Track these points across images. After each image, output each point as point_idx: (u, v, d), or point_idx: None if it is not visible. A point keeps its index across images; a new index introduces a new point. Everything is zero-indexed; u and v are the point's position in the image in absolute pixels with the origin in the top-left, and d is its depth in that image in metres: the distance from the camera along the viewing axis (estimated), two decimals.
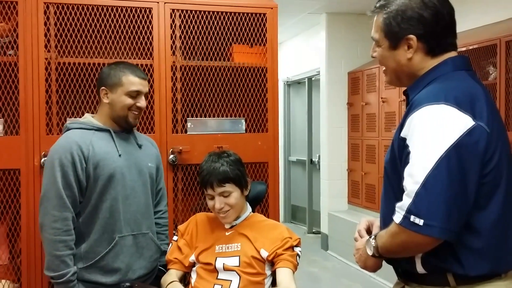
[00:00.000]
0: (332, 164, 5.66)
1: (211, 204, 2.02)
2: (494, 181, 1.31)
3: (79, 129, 2.04)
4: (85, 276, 1.98)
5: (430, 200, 1.25)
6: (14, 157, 2.40)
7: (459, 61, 1.43)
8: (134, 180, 2.06)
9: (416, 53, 1.41)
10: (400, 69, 1.46)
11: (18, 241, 2.43)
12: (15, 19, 2.43)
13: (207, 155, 2.11)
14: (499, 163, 1.31)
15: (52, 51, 2.48)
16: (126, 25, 2.60)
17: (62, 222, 1.92)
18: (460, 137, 1.25)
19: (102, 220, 1.98)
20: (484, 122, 1.29)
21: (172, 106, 2.64)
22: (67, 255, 1.93)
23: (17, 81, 2.42)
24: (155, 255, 2.15)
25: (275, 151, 2.81)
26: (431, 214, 1.25)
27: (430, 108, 1.29)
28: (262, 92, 2.83)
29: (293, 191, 7.31)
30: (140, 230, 2.07)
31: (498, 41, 3.45)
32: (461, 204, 1.26)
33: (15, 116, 2.45)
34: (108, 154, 2.01)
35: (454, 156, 1.24)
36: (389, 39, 1.44)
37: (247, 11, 2.77)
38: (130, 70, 2.06)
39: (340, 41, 5.61)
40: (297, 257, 1.99)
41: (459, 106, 1.27)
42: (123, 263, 2.01)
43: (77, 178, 1.95)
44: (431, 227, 1.24)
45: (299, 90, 7.23)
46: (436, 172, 1.24)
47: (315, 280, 4.92)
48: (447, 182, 1.24)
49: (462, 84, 1.36)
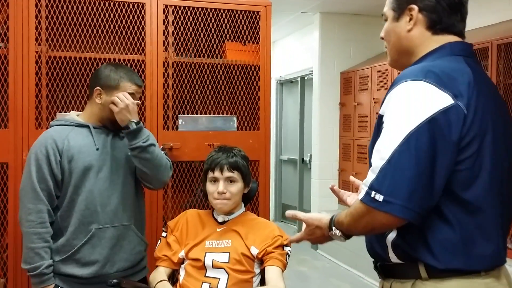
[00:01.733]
0: (323, 163, 5.66)
1: (212, 188, 2.01)
2: (472, 170, 1.24)
3: (60, 125, 2.06)
4: (61, 269, 1.98)
5: (394, 177, 1.19)
6: (3, 151, 2.38)
7: (458, 46, 1.37)
8: (113, 172, 2.05)
9: (416, 25, 1.37)
10: (400, 43, 1.42)
11: (5, 236, 2.41)
12: (6, 11, 2.41)
13: (215, 147, 2.13)
14: (479, 152, 1.24)
15: (43, 45, 2.46)
16: (118, 20, 2.58)
17: (36, 215, 1.94)
18: (434, 114, 1.19)
19: (78, 212, 1.99)
20: (464, 103, 1.22)
21: (163, 102, 2.63)
22: (41, 247, 1.93)
23: (7, 74, 2.40)
24: (138, 247, 2.13)
25: (266, 150, 2.80)
26: (392, 190, 1.19)
27: (408, 84, 1.24)
28: (255, 90, 2.82)
29: (284, 190, 7.31)
30: (121, 221, 2.06)
31: (490, 44, 3.46)
32: (426, 185, 1.20)
33: (4, 110, 2.43)
34: (84, 148, 2.01)
35: (425, 132, 1.19)
36: (393, 10, 1.43)
37: (240, 9, 2.76)
38: (128, 76, 2.06)
39: (333, 41, 5.61)
40: (287, 256, 1.99)
41: (438, 84, 1.22)
42: (100, 256, 2.00)
43: (51, 172, 1.97)
44: (391, 204, 1.19)
45: (291, 89, 7.23)
46: (404, 148, 1.19)
47: (304, 279, 4.92)
48: (414, 159, 1.18)
49: (450, 64, 1.30)
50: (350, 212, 1.32)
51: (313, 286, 4.77)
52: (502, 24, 3.80)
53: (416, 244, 1.28)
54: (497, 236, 1.31)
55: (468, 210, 1.26)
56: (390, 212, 1.20)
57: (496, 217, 1.30)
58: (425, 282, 1.28)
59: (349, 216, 1.33)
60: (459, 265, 1.26)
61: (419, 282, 1.29)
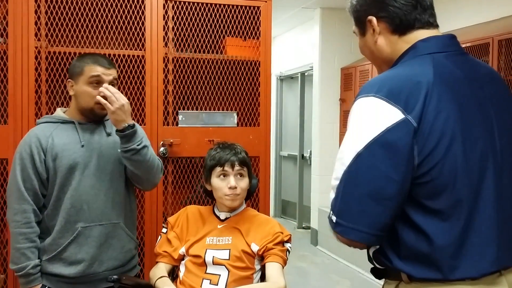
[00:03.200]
0: (324, 159, 5.66)
1: (222, 184, 1.99)
2: (439, 180, 1.17)
3: (45, 123, 2.03)
4: (48, 269, 1.96)
5: (343, 197, 1.20)
6: (2, 147, 2.37)
7: (430, 43, 1.30)
8: (100, 169, 2.01)
9: (381, 34, 1.34)
10: (374, 56, 1.40)
11: (5, 232, 2.41)
12: (5, 6, 2.39)
13: (215, 144, 2.11)
14: (445, 161, 1.17)
15: (42, 40, 2.45)
16: (118, 15, 2.57)
17: (21, 215, 1.92)
18: (381, 133, 1.16)
19: (64, 211, 1.96)
20: (415, 115, 1.16)
21: (163, 98, 2.62)
22: (27, 247, 1.91)
23: (6, 70, 2.39)
24: (127, 245, 2.09)
25: (266, 146, 2.80)
26: (341, 212, 1.20)
27: (361, 101, 1.22)
28: (255, 86, 2.82)
29: (284, 186, 7.31)
30: (109, 219, 2.02)
31: (491, 39, 3.45)
32: (375, 205, 1.17)
33: (4, 105, 2.42)
34: (69, 145, 1.98)
35: (371, 153, 1.17)
36: (357, 27, 1.42)
37: (241, 4, 2.75)
38: (93, 60, 1.98)
39: (333, 37, 5.60)
40: (287, 252, 1.98)
41: (389, 98, 1.18)
42: (87, 254, 1.97)
43: (36, 171, 1.94)
44: (340, 225, 1.20)
45: (291, 85, 7.23)
46: (353, 168, 1.19)
47: (304, 275, 4.93)
48: (360, 180, 1.18)
49: (408, 71, 1.24)
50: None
51: (313, 281, 4.78)
52: (503, 20, 3.78)
53: (392, 256, 1.24)
54: (492, 241, 1.22)
55: (442, 219, 1.19)
56: (340, 234, 1.22)
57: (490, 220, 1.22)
58: (407, 286, 1.25)
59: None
60: (435, 276, 1.20)
61: (402, 285, 1.27)
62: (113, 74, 2.01)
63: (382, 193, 1.17)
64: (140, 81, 2.62)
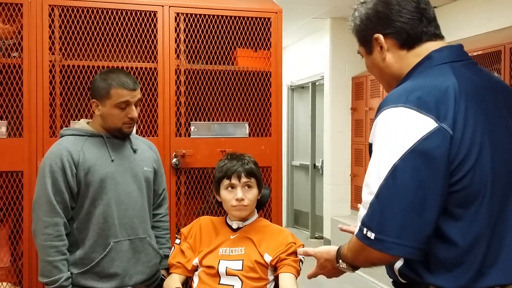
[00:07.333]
0: (336, 169, 5.64)
1: (229, 196, 2.00)
2: (471, 189, 1.17)
3: (72, 135, 2.04)
4: (80, 282, 1.97)
5: (383, 213, 1.14)
6: (17, 159, 2.40)
7: (445, 53, 1.29)
8: (129, 184, 2.05)
9: (389, 51, 1.33)
10: (383, 73, 1.39)
11: (20, 244, 2.43)
12: (20, 21, 2.44)
13: (224, 155, 2.11)
14: (476, 169, 1.16)
15: (56, 54, 2.48)
16: (130, 28, 2.60)
17: (53, 228, 1.92)
18: (416, 143, 1.13)
19: (96, 225, 1.98)
20: (449, 123, 1.15)
21: (175, 109, 2.64)
22: (59, 260, 1.93)
23: (21, 83, 2.43)
24: (154, 260, 2.13)
25: (278, 156, 2.80)
26: (382, 227, 1.14)
27: (390, 111, 1.19)
28: (266, 97, 2.83)
29: (296, 196, 7.29)
30: (136, 234, 2.06)
31: (503, 47, 3.43)
32: (417, 217, 1.14)
33: (19, 118, 2.46)
34: (100, 160, 2.00)
35: (409, 163, 1.13)
36: (363, 46, 1.41)
37: (251, 15, 2.77)
38: (118, 81, 1.98)
39: (344, 46, 5.60)
40: (300, 262, 1.98)
41: (419, 108, 1.16)
42: (119, 268, 2.01)
43: (67, 184, 1.95)
44: (383, 242, 1.14)
45: (302, 94, 7.23)
46: (390, 182, 1.14)
47: (318, 285, 4.88)
48: (400, 193, 1.13)
49: (432, 80, 1.23)
50: (349, 248, 1.31)
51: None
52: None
53: (422, 270, 1.22)
54: None
55: (470, 229, 1.18)
56: (382, 251, 1.16)
57: None
58: None
59: (350, 251, 1.32)
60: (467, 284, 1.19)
61: None
62: (138, 95, 2.04)
63: (423, 204, 1.14)
64: (152, 93, 2.65)
